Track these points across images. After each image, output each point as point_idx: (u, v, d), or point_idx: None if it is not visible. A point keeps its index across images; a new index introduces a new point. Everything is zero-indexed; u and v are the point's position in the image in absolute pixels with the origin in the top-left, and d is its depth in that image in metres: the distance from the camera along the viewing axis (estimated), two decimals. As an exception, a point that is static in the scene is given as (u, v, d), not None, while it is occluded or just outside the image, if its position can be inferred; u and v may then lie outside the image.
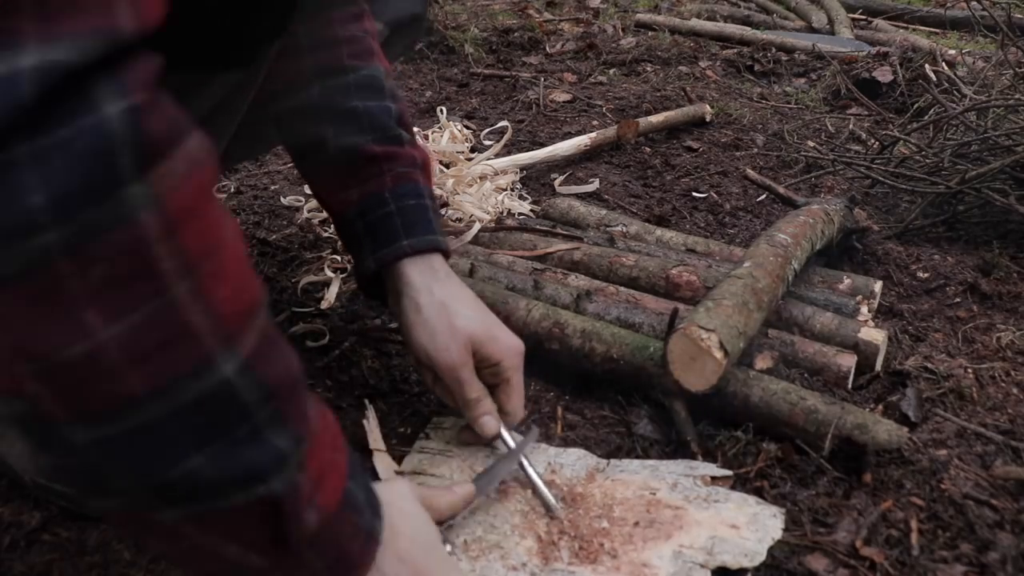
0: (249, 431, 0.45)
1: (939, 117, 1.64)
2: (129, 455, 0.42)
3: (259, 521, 0.47)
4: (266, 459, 0.46)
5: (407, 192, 0.85)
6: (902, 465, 0.84)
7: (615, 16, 3.38)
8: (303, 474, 0.48)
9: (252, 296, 0.47)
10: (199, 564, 0.50)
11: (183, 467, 0.43)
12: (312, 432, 0.50)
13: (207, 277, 0.43)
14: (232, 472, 0.45)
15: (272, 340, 0.48)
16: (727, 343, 0.86)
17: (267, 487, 0.46)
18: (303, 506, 0.49)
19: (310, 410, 0.51)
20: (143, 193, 0.39)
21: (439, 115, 1.84)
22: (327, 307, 1.17)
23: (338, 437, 0.55)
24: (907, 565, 0.74)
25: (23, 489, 0.80)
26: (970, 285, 1.27)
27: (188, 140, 0.43)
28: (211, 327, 0.43)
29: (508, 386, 0.83)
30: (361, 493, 0.56)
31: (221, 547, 0.48)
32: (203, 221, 0.43)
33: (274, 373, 0.47)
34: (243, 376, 0.44)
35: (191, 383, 0.42)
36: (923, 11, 3.68)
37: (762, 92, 2.42)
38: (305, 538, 0.50)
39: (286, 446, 0.47)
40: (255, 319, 0.46)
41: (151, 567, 0.73)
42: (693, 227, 1.52)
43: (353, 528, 0.54)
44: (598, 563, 0.72)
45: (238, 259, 0.46)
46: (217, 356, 0.43)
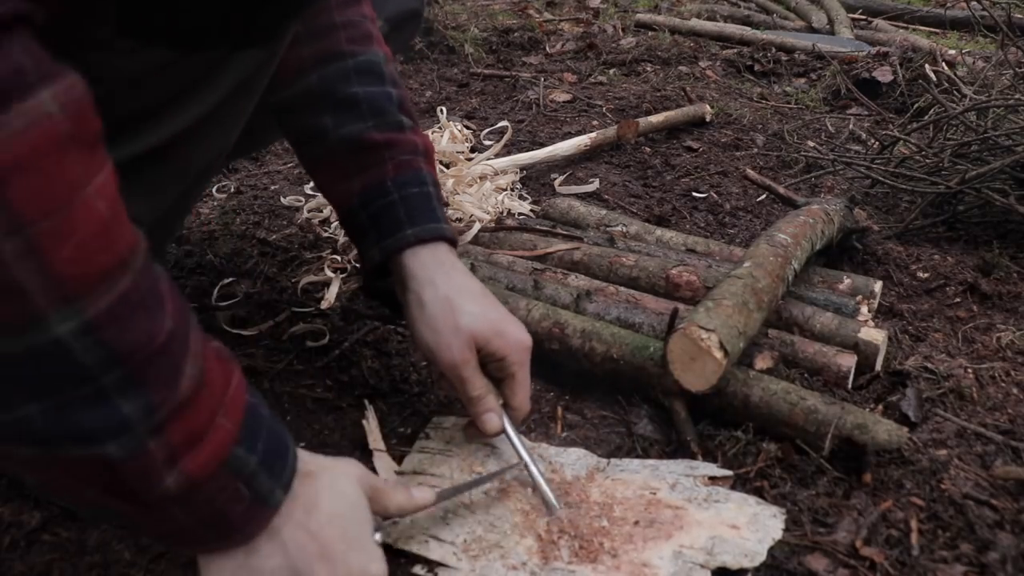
0: (91, 393, 0.46)
1: (939, 117, 1.64)
2: None
3: (101, 475, 0.48)
4: (104, 423, 0.47)
5: (410, 180, 0.83)
6: (902, 465, 0.84)
7: (615, 16, 3.38)
8: (157, 439, 0.49)
9: (108, 259, 0.46)
10: (66, 498, 0.52)
11: (16, 412, 0.45)
12: (181, 398, 0.50)
13: (43, 236, 0.42)
14: (64, 429, 0.46)
15: (135, 304, 0.47)
16: (727, 343, 0.86)
17: (101, 448, 0.47)
18: (156, 470, 0.49)
19: (184, 376, 0.50)
20: None
21: (439, 115, 1.84)
22: (327, 307, 1.17)
23: (234, 402, 0.55)
24: (907, 565, 0.74)
25: (23, 489, 0.80)
26: (970, 285, 1.27)
27: (38, 93, 0.41)
28: (44, 286, 0.42)
29: (514, 381, 0.81)
30: (255, 459, 0.55)
31: (79, 488, 0.50)
32: (43, 178, 0.42)
33: (127, 339, 0.47)
34: (81, 339, 0.44)
35: (19, 338, 0.43)
36: (923, 11, 3.68)
37: (762, 92, 2.42)
38: (165, 497, 0.50)
39: (132, 412, 0.47)
40: (109, 282, 0.46)
41: (151, 567, 0.73)
42: (693, 227, 1.52)
43: (233, 492, 0.54)
44: (598, 562, 0.72)
45: (95, 219, 0.45)
46: (51, 315, 0.43)
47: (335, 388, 1.00)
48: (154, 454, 0.49)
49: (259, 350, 1.06)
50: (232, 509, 0.54)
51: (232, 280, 1.23)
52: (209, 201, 1.54)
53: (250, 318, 1.13)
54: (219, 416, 0.53)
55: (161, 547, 0.70)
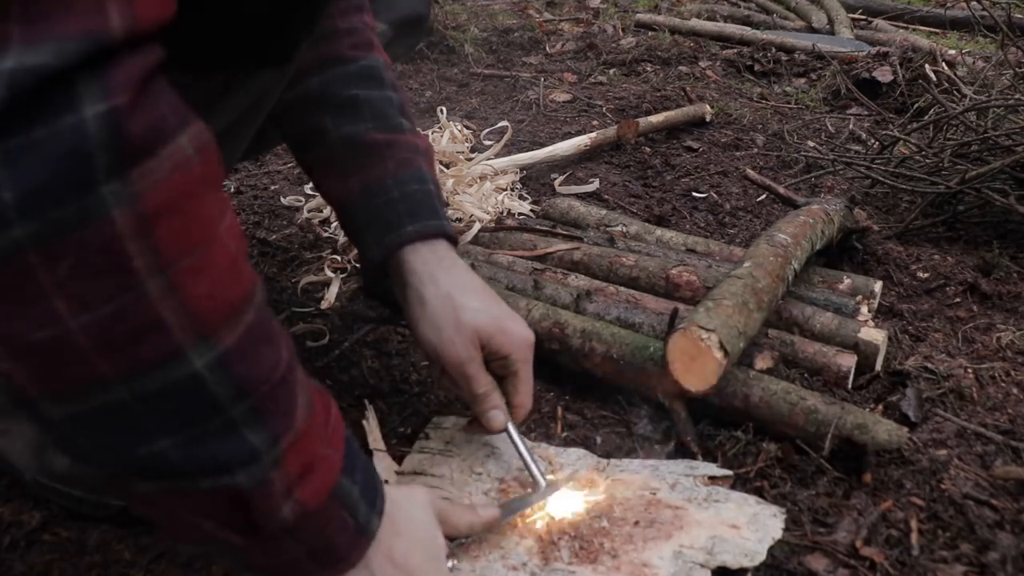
0: (222, 424, 0.47)
1: (939, 117, 1.64)
2: (98, 432, 0.45)
3: (227, 507, 0.49)
4: (235, 454, 0.48)
5: (410, 178, 0.83)
6: (902, 465, 0.84)
7: (615, 16, 3.38)
8: (278, 470, 0.50)
9: (237, 294, 0.48)
10: (182, 532, 0.52)
11: (149, 448, 0.46)
12: (298, 429, 0.51)
13: (184, 274, 0.44)
14: (197, 461, 0.47)
15: (258, 338, 0.49)
16: (727, 343, 0.86)
17: (232, 480, 0.48)
18: (276, 500, 0.50)
19: (299, 406, 0.52)
20: (117, 192, 0.40)
21: (439, 115, 1.84)
22: (327, 307, 1.17)
23: (336, 432, 0.56)
24: (907, 565, 0.74)
25: (24, 489, 0.80)
26: (970, 285, 1.27)
27: (178, 138, 0.43)
28: (183, 322, 0.44)
29: (517, 378, 0.81)
30: (357, 489, 0.56)
31: (197, 521, 0.50)
32: (185, 219, 0.44)
33: (255, 371, 0.48)
34: (215, 372, 0.46)
35: (158, 373, 0.44)
36: (923, 11, 3.68)
37: (762, 92, 2.42)
38: (281, 528, 0.51)
39: (259, 443, 0.49)
40: (238, 316, 0.47)
41: (151, 567, 0.73)
42: (693, 227, 1.52)
43: (341, 522, 0.55)
44: (598, 563, 0.72)
45: (224, 255, 0.47)
46: (187, 350, 0.45)
47: (335, 388, 1.00)
48: (276, 484, 0.50)
49: (259, 350, 1.06)
50: (338, 538, 0.55)
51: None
52: (209, 201, 1.54)
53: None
54: (326, 447, 0.54)
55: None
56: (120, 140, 0.40)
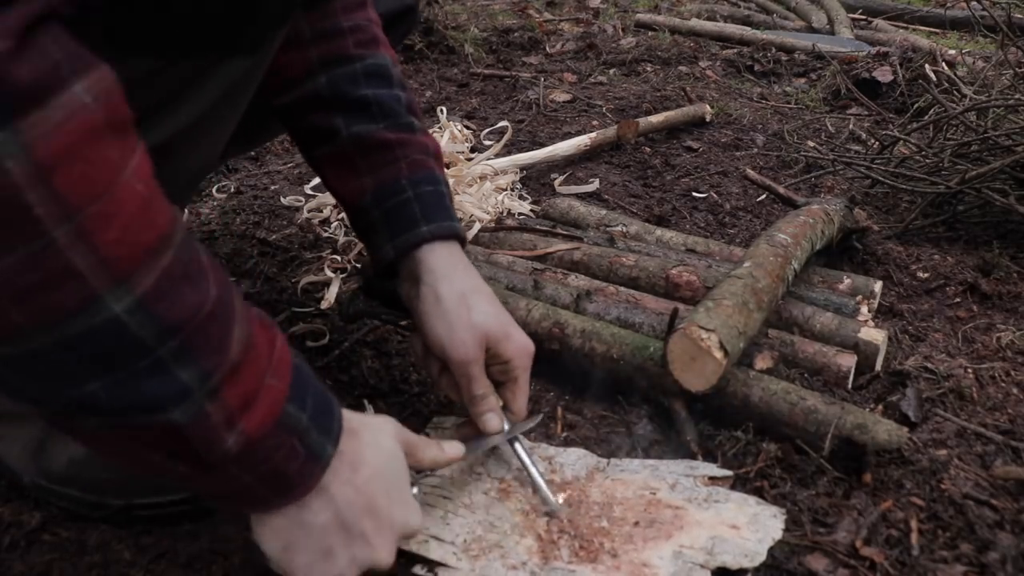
0: (150, 364, 0.48)
1: (939, 117, 1.64)
2: (30, 374, 0.47)
3: (168, 441, 0.51)
4: (165, 392, 0.49)
5: (424, 179, 0.84)
6: (902, 465, 0.84)
7: (615, 16, 3.39)
8: (215, 403, 0.51)
9: (151, 236, 0.47)
10: (129, 465, 0.54)
11: (82, 390, 0.47)
12: (234, 361, 0.52)
13: (90, 219, 0.44)
14: (128, 401, 0.48)
15: (180, 276, 0.49)
16: (727, 343, 0.86)
17: (166, 416, 0.49)
18: (217, 432, 0.51)
19: (233, 340, 0.52)
20: (6, 141, 0.40)
21: (439, 115, 1.84)
22: (327, 307, 1.17)
23: (281, 362, 0.57)
24: (907, 565, 0.74)
25: (23, 489, 0.80)
26: (970, 285, 1.27)
27: (72, 86, 0.43)
28: (96, 268, 0.44)
29: (515, 385, 0.82)
30: (306, 416, 0.57)
31: (143, 454, 0.52)
32: (85, 165, 0.43)
33: (178, 310, 0.49)
34: (136, 314, 0.46)
35: (77, 319, 0.45)
36: (923, 11, 3.68)
37: (762, 92, 2.42)
38: (226, 458, 0.52)
39: (190, 379, 0.49)
40: (154, 258, 0.47)
41: (151, 567, 0.73)
42: (693, 227, 1.52)
43: (290, 449, 0.56)
44: (598, 562, 0.72)
45: (135, 199, 0.46)
46: (104, 295, 0.45)
47: (335, 388, 1.00)
48: (213, 417, 0.51)
49: (259, 350, 1.06)
50: (289, 466, 0.56)
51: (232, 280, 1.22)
52: (209, 201, 1.54)
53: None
54: (269, 376, 0.55)
55: (222, 508, 0.72)
56: (7, 86, 0.39)
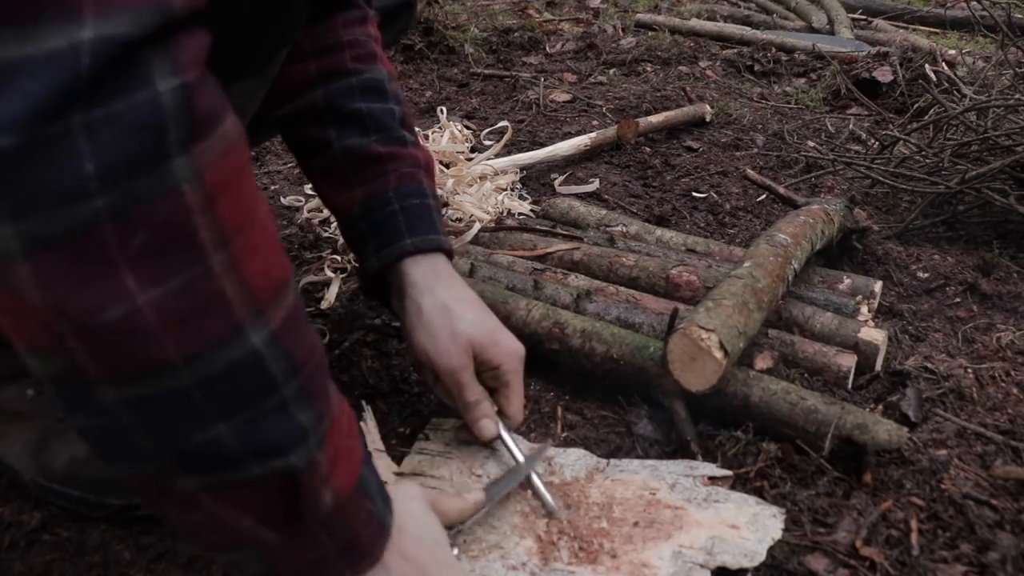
0: (276, 404, 0.47)
1: (939, 117, 1.64)
2: (155, 418, 0.44)
3: (275, 495, 0.49)
4: (288, 433, 0.48)
5: (411, 192, 0.85)
6: (902, 465, 0.84)
7: (615, 16, 3.39)
8: (322, 452, 0.50)
9: (281, 272, 0.49)
10: (213, 536, 0.50)
11: (206, 435, 0.45)
12: (332, 413, 0.52)
13: (241, 249, 0.45)
14: (253, 444, 0.46)
15: (299, 318, 0.50)
16: (727, 343, 0.86)
17: (286, 461, 0.47)
18: (319, 484, 0.50)
19: (332, 391, 0.52)
20: (186, 166, 0.41)
21: (439, 115, 1.84)
22: (327, 307, 1.17)
23: (353, 424, 0.56)
24: (907, 565, 0.74)
25: (23, 489, 0.80)
26: (970, 285, 1.27)
27: (227, 119, 0.45)
28: (242, 298, 0.45)
29: (508, 389, 0.83)
30: (374, 483, 0.57)
31: (236, 519, 0.49)
32: (238, 196, 0.45)
33: (300, 349, 0.49)
34: (271, 348, 0.46)
35: (222, 351, 0.44)
36: (923, 11, 3.68)
37: (762, 92, 2.42)
38: (319, 517, 0.51)
39: (308, 422, 0.49)
40: (284, 295, 0.48)
41: (151, 567, 0.73)
42: (693, 227, 1.52)
43: (366, 515, 0.55)
44: (598, 563, 0.72)
45: (269, 236, 0.48)
46: (247, 326, 0.45)
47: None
48: (321, 467, 0.50)
49: (259, 350, 1.06)
50: (362, 534, 0.55)
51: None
52: (209, 201, 1.54)
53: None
54: (351, 436, 0.54)
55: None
56: (189, 115, 0.41)
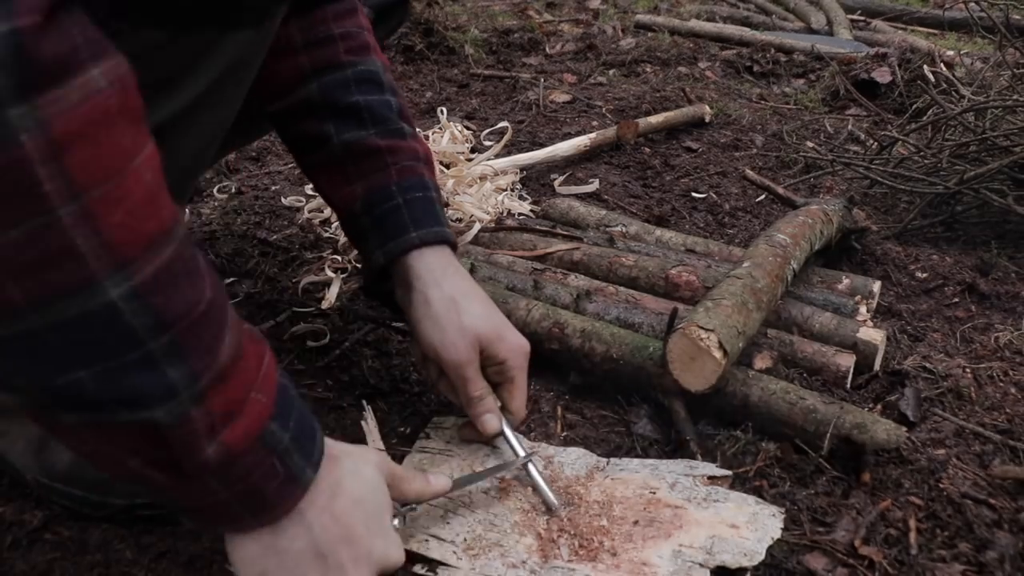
0: (139, 358, 0.47)
1: (937, 118, 1.65)
2: (17, 357, 0.45)
3: (147, 443, 0.49)
4: (153, 388, 0.48)
5: (413, 185, 0.85)
6: (901, 464, 0.84)
7: (615, 17, 3.39)
8: (199, 408, 0.50)
9: (154, 226, 0.47)
10: (108, 468, 0.52)
11: (68, 377, 0.46)
12: (221, 368, 0.51)
13: (97, 202, 0.44)
14: (115, 393, 0.47)
15: (179, 272, 0.49)
16: (726, 343, 0.86)
17: (150, 414, 0.48)
18: (198, 439, 0.50)
19: (224, 346, 0.52)
20: (27, 115, 0.40)
21: (439, 116, 1.84)
22: (328, 307, 1.17)
23: (268, 379, 0.56)
24: (906, 564, 0.74)
25: (25, 488, 0.80)
26: (968, 285, 1.28)
27: (90, 69, 0.43)
28: (97, 251, 0.44)
29: (512, 385, 0.83)
30: (288, 437, 0.56)
31: (122, 457, 0.51)
32: (97, 148, 0.44)
33: (174, 305, 0.48)
34: (132, 302, 0.46)
35: (73, 300, 0.44)
36: (922, 12, 3.69)
37: (761, 93, 2.42)
38: (204, 468, 0.51)
39: (178, 379, 0.49)
40: (156, 249, 0.47)
41: (152, 566, 0.73)
42: (692, 227, 1.52)
43: (269, 468, 0.55)
44: (598, 561, 0.72)
45: (143, 186, 0.47)
46: (102, 280, 0.45)
47: (336, 388, 1.00)
48: (197, 422, 0.50)
49: (260, 350, 1.06)
50: (266, 485, 0.55)
51: (233, 280, 1.23)
52: (210, 201, 1.54)
53: (251, 318, 1.13)
54: (255, 390, 0.54)
55: (193, 524, 0.70)
56: (25, 63, 0.40)
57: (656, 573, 0.70)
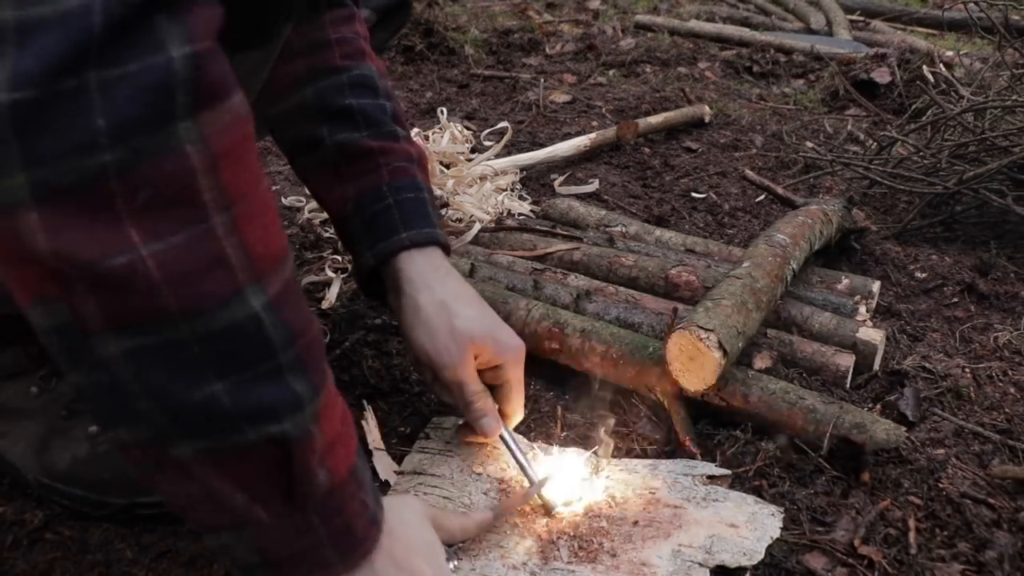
0: (271, 368, 0.48)
1: (937, 118, 1.65)
2: (153, 372, 0.45)
3: (269, 466, 0.49)
4: (283, 399, 0.48)
5: (404, 186, 0.85)
6: (900, 464, 0.84)
7: (615, 17, 3.39)
8: (317, 426, 0.50)
9: (280, 244, 0.50)
10: (205, 512, 0.51)
11: (203, 392, 0.46)
12: (328, 390, 0.52)
13: (242, 216, 0.46)
14: (249, 405, 0.47)
15: (296, 292, 0.51)
16: (726, 343, 0.86)
17: (280, 427, 0.48)
18: (314, 459, 0.50)
19: (328, 370, 0.53)
20: (192, 130, 0.43)
21: (439, 116, 1.84)
22: (328, 307, 1.17)
23: (348, 414, 0.56)
24: (905, 564, 0.74)
25: (26, 488, 0.81)
26: (967, 285, 1.28)
27: (235, 94, 0.47)
28: (243, 261, 0.46)
29: (508, 386, 0.83)
30: (368, 477, 0.57)
31: (228, 493, 0.49)
32: (241, 166, 0.47)
33: (297, 321, 0.50)
34: (269, 314, 0.48)
35: (222, 310, 0.46)
36: (921, 12, 3.69)
37: (761, 93, 2.43)
38: (313, 496, 0.51)
39: (304, 392, 0.49)
40: (282, 266, 0.50)
41: (153, 565, 0.73)
42: (692, 227, 1.52)
43: (360, 505, 0.55)
44: (597, 562, 0.72)
45: (270, 209, 0.50)
46: (247, 289, 0.47)
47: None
48: (316, 440, 0.50)
49: (260, 350, 1.06)
50: (356, 523, 0.54)
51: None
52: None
53: (251, 318, 1.13)
54: (345, 424, 0.55)
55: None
56: (199, 83, 0.43)
57: (656, 573, 0.70)
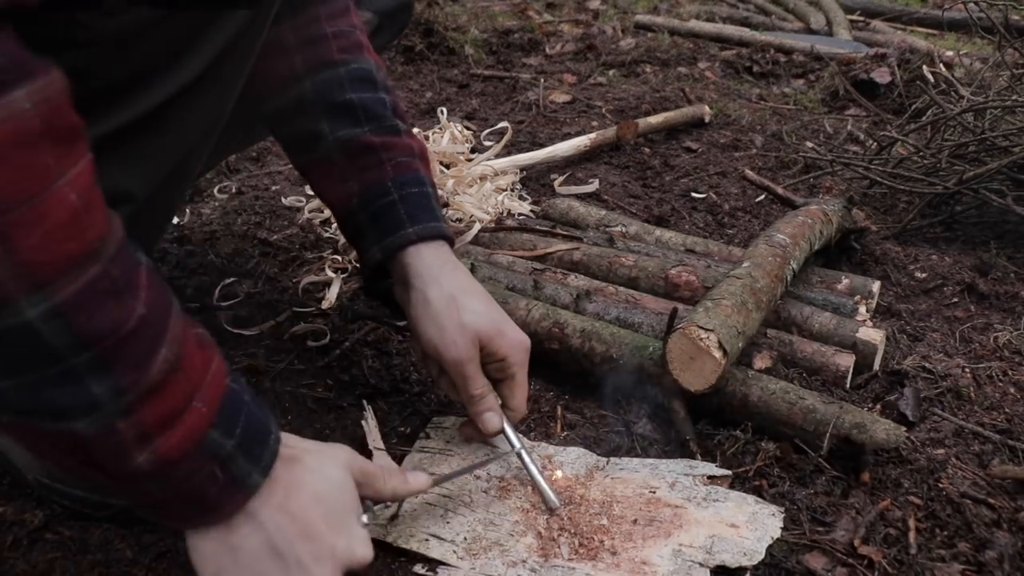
0: (62, 372, 0.49)
1: (937, 118, 1.65)
2: None
3: (75, 449, 0.52)
4: (73, 402, 0.50)
5: (409, 180, 0.85)
6: (900, 464, 0.85)
7: (614, 17, 3.39)
8: (128, 419, 0.51)
9: (76, 247, 0.48)
10: (52, 462, 0.55)
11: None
12: (152, 381, 0.52)
13: (12, 225, 0.45)
14: (39, 404, 0.49)
15: (104, 291, 0.50)
16: (726, 343, 0.86)
17: (69, 426, 0.50)
18: (125, 448, 0.52)
19: (157, 359, 0.52)
20: None
21: (439, 116, 1.84)
22: (328, 307, 1.17)
23: (212, 388, 0.56)
24: (905, 563, 0.74)
25: (26, 488, 0.81)
26: (967, 285, 1.28)
27: (13, 91, 0.44)
28: (12, 272, 0.45)
29: (513, 382, 0.83)
30: (232, 443, 0.57)
31: (59, 456, 0.53)
32: (13, 170, 0.44)
33: (97, 323, 0.49)
34: (50, 323, 0.47)
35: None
36: (921, 13, 3.69)
37: (761, 93, 2.43)
38: (136, 474, 0.53)
39: (101, 393, 0.50)
40: (77, 269, 0.48)
41: (153, 565, 0.73)
42: (692, 227, 1.52)
43: (208, 474, 0.56)
44: (598, 560, 0.72)
45: (64, 209, 0.47)
46: (18, 301, 0.46)
47: (336, 387, 1.00)
48: (124, 433, 0.51)
49: (260, 350, 1.06)
50: (207, 489, 0.56)
51: (233, 280, 1.23)
52: (211, 201, 1.54)
53: (251, 318, 1.13)
54: (196, 400, 0.55)
55: (150, 518, 0.71)
56: None
57: (656, 572, 0.71)
